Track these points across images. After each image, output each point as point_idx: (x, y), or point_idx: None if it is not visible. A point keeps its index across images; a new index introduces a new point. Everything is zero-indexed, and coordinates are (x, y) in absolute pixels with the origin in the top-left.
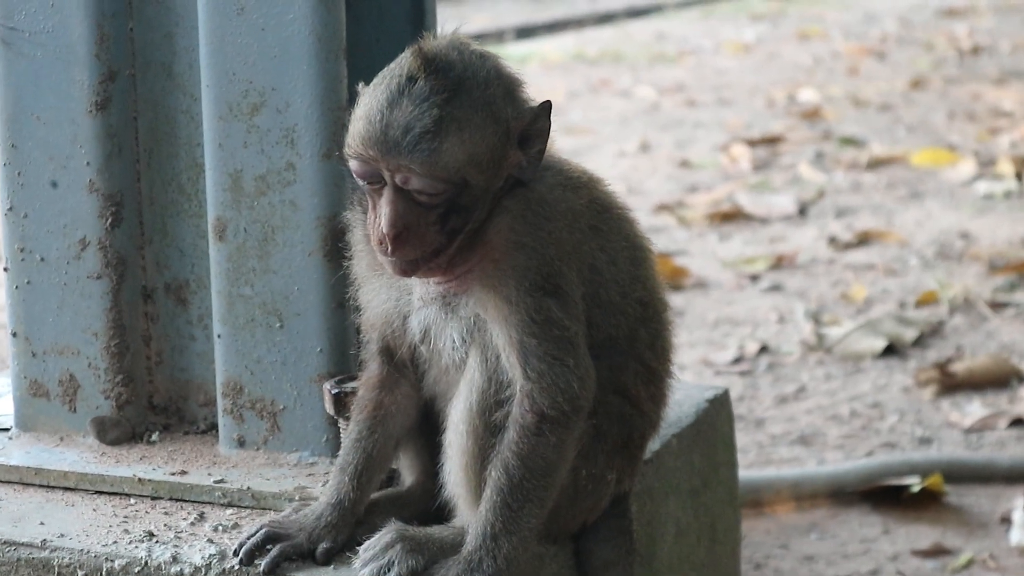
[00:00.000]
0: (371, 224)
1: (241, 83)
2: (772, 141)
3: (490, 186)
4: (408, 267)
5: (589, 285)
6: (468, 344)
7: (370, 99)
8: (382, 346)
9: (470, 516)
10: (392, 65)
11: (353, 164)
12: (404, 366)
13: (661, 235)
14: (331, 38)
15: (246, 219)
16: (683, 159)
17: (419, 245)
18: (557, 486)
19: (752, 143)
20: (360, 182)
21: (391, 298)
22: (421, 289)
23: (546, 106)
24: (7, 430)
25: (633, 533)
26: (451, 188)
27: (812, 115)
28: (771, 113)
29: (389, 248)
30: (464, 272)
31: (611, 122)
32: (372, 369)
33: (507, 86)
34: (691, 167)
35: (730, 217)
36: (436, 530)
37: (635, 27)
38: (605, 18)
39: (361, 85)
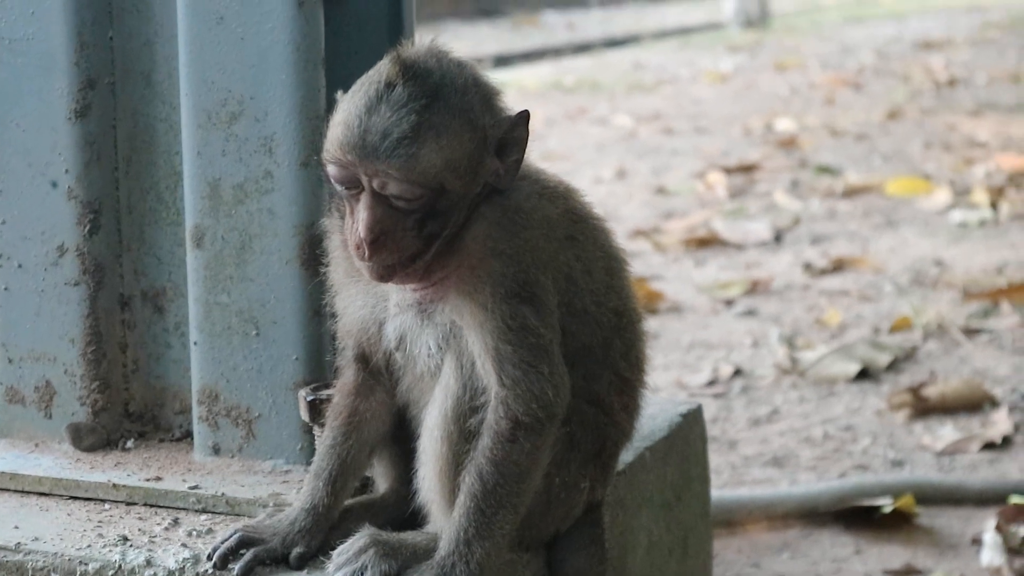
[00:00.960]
0: (348, 229)
1: (220, 91)
2: (748, 169)
3: (467, 192)
4: (385, 272)
5: (564, 294)
6: (443, 351)
7: (348, 105)
8: (358, 353)
9: (443, 522)
10: (371, 72)
11: (331, 169)
12: (379, 373)
13: (637, 260)
14: (309, 47)
15: (224, 227)
16: (659, 186)
17: (396, 250)
18: (530, 492)
19: (728, 171)
20: (338, 187)
21: (367, 305)
22: (397, 296)
23: (524, 115)
24: None
25: (605, 542)
26: (428, 193)
27: (788, 144)
28: (748, 141)
29: (366, 253)
30: (441, 279)
31: (588, 149)
32: (347, 376)
33: (484, 94)
34: (667, 194)
35: (706, 243)
36: (409, 535)
37: (612, 57)
38: (583, 48)
39: (340, 93)
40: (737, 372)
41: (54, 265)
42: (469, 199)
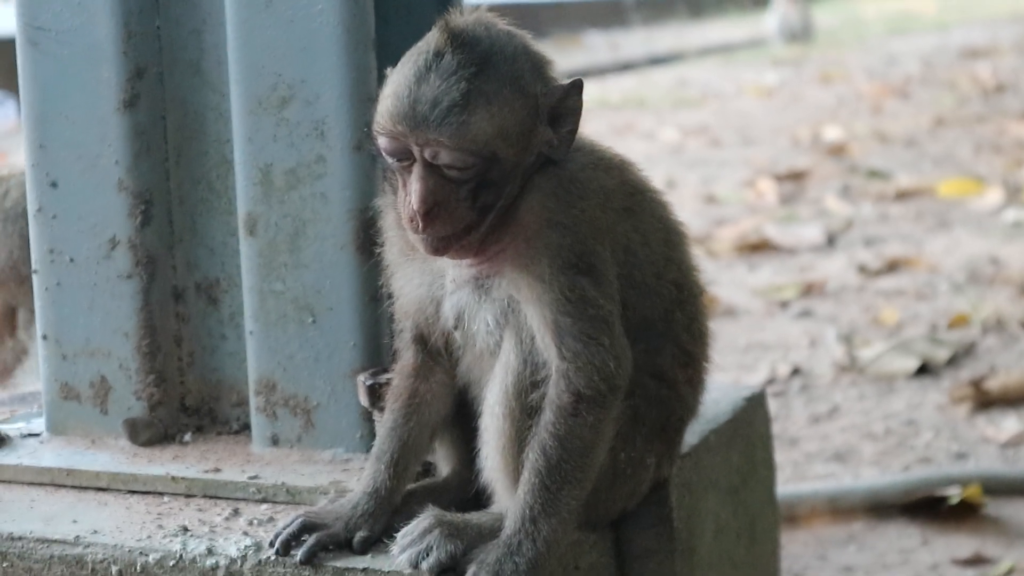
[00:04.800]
0: (402, 203)
1: (270, 76)
2: (798, 176)
3: (520, 161)
4: (440, 245)
5: (623, 266)
6: (502, 327)
7: (398, 76)
8: (416, 334)
9: (508, 500)
10: (419, 43)
11: (382, 141)
12: (438, 354)
13: None
14: (359, 29)
15: (277, 213)
16: (709, 195)
17: (450, 221)
18: (595, 467)
19: (778, 178)
20: (389, 160)
21: (424, 283)
22: (453, 272)
23: (577, 84)
24: (38, 435)
25: (673, 521)
26: (481, 162)
27: (837, 151)
28: (796, 150)
29: (420, 225)
30: (496, 252)
31: (636, 162)
32: (406, 358)
33: (535, 62)
34: (717, 202)
35: (758, 248)
36: (474, 515)
37: (656, 74)
38: (626, 66)
39: (389, 69)
40: (795, 371)
41: (106, 258)
42: (523, 169)
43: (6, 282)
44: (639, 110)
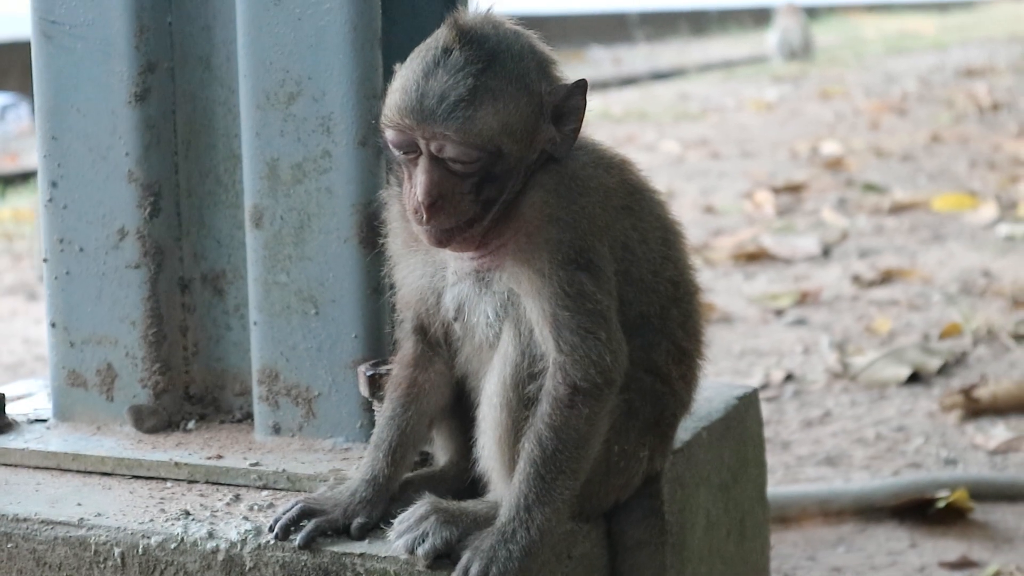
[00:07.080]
0: (407, 195)
1: (278, 72)
2: (795, 189)
3: (523, 158)
4: (443, 236)
5: (621, 263)
6: (501, 319)
7: (406, 71)
8: (416, 324)
9: (504, 489)
10: (428, 40)
11: (389, 134)
12: (438, 344)
13: None
14: (366, 27)
15: (282, 207)
16: (707, 205)
17: (454, 214)
18: (590, 459)
19: (776, 190)
20: (396, 153)
21: (426, 274)
22: (455, 265)
23: (581, 84)
24: (44, 421)
25: (665, 515)
26: (485, 157)
27: (834, 165)
28: (794, 164)
29: (424, 217)
30: (498, 246)
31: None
32: (406, 348)
33: (541, 61)
34: (716, 213)
35: (755, 257)
36: (470, 504)
37: (658, 88)
38: (629, 80)
39: (398, 64)
40: (788, 377)
41: (115, 248)
42: (526, 165)
43: None
44: (641, 123)
